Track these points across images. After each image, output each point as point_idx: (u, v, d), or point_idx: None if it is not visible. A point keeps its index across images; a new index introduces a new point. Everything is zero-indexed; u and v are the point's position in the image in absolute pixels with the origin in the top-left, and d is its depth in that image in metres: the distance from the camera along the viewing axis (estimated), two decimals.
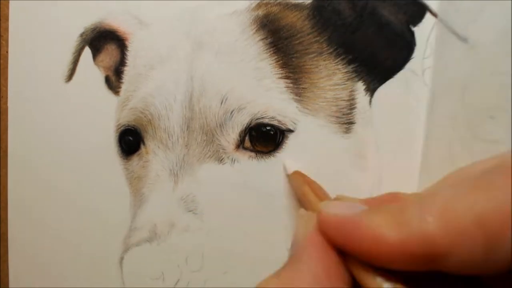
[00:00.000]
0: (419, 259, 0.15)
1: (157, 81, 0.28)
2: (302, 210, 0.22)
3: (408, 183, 0.27)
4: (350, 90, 0.27)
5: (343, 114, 0.27)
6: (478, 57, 0.24)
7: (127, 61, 0.30)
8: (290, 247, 0.20)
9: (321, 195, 0.24)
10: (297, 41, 0.26)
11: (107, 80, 0.30)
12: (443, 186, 0.19)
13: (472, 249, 0.15)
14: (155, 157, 0.28)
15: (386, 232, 0.16)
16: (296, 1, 0.27)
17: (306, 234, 0.19)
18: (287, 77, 0.26)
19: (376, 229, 0.16)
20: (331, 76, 0.27)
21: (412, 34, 0.26)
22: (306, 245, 0.18)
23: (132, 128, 0.29)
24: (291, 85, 0.26)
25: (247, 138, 0.27)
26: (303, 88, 0.26)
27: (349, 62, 0.27)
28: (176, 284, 0.28)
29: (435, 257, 0.15)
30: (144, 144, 0.29)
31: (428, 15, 0.25)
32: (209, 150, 0.27)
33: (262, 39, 0.27)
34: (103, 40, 0.30)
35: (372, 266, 0.17)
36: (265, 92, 0.26)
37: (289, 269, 0.18)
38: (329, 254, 0.18)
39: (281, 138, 0.26)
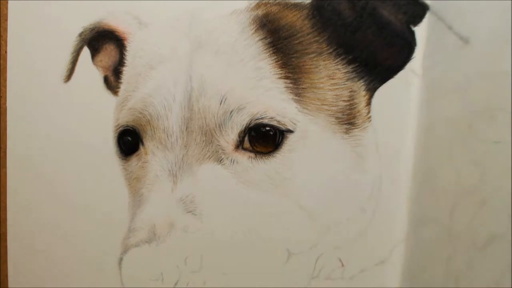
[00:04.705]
0: None
1: (156, 81, 0.28)
2: None
3: (408, 183, 0.27)
4: (350, 90, 0.27)
5: (343, 115, 0.27)
6: (478, 57, 0.24)
7: (126, 61, 0.29)
8: None
9: None
10: (297, 41, 0.26)
11: (106, 80, 0.30)
12: None
13: None
14: (154, 157, 0.28)
15: None
16: (296, 1, 0.27)
17: None
18: (286, 77, 0.26)
19: None
20: (331, 76, 0.26)
21: (412, 34, 0.25)
22: None
23: (131, 129, 0.28)
24: (290, 85, 0.26)
25: (246, 138, 0.26)
26: (302, 88, 0.26)
27: (349, 62, 0.26)
28: (175, 284, 0.28)
29: None
30: (143, 144, 0.28)
31: (428, 15, 0.25)
32: (208, 150, 0.27)
33: (262, 39, 0.27)
34: (102, 40, 0.30)
35: None
36: (264, 92, 0.26)
37: None
38: None
39: (280, 138, 0.26)
